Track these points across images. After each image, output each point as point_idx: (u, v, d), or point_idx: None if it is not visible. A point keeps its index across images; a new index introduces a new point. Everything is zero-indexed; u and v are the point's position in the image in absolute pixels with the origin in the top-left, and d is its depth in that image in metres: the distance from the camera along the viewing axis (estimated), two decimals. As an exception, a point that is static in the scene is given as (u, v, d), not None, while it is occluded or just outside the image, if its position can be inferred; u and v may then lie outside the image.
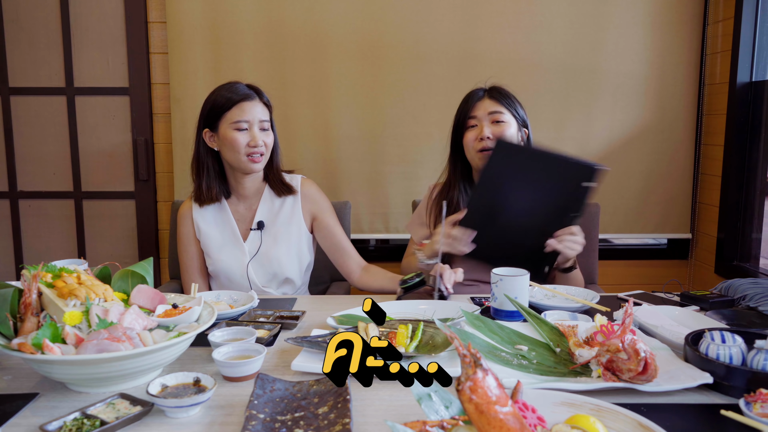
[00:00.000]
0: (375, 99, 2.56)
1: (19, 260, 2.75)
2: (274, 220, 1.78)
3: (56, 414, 0.92)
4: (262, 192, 1.80)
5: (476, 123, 1.73)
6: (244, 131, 1.66)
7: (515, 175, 1.59)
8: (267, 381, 0.98)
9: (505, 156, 1.60)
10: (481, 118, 1.72)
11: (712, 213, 2.57)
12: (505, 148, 1.61)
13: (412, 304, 1.44)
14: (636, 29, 2.54)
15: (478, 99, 1.75)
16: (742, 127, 2.39)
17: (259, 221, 1.76)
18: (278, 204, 1.79)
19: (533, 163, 1.59)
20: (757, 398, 0.88)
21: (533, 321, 1.22)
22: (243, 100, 1.66)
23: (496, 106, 1.73)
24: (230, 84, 1.70)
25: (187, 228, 1.80)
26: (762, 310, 1.36)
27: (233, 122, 1.65)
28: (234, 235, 1.77)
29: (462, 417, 0.74)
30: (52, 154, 2.69)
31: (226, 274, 1.76)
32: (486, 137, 1.69)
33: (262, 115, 1.69)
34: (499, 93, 1.75)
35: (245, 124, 1.66)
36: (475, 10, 2.51)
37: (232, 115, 1.65)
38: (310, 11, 2.50)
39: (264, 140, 1.68)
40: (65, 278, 1.11)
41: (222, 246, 1.76)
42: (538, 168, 1.58)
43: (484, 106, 1.73)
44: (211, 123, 1.69)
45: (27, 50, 2.62)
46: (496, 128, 1.71)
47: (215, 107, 1.68)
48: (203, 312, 1.16)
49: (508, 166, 1.59)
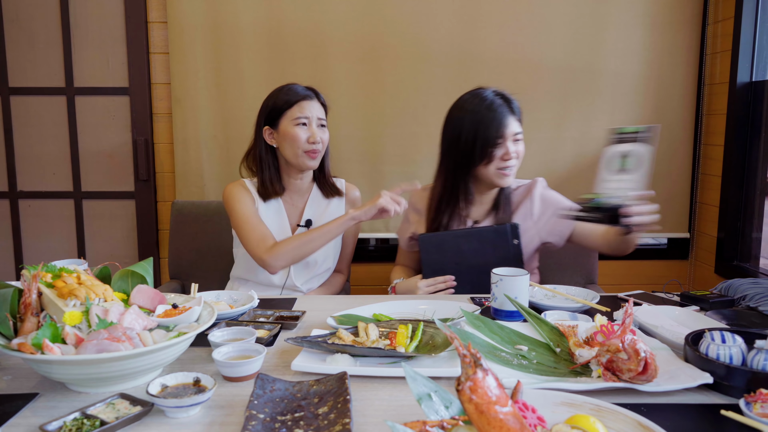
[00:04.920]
0: (375, 99, 2.56)
1: (19, 260, 2.75)
2: (321, 219, 1.86)
3: (56, 414, 0.92)
4: (310, 192, 1.89)
5: (501, 141, 1.68)
6: (304, 127, 1.75)
7: (452, 256, 1.70)
8: (267, 381, 0.99)
9: (433, 245, 1.71)
10: (506, 137, 1.68)
11: (712, 213, 2.57)
12: (429, 240, 1.72)
13: (412, 304, 1.44)
14: (635, 30, 2.54)
15: (505, 116, 1.68)
16: (742, 127, 2.39)
17: (307, 219, 1.85)
18: (324, 205, 1.89)
19: (459, 240, 1.70)
20: (757, 398, 0.88)
21: (533, 321, 1.22)
22: (303, 99, 1.77)
23: (519, 125, 1.71)
24: (289, 85, 1.80)
25: (248, 196, 1.82)
26: (762, 310, 1.36)
27: (294, 119, 1.74)
28: (283, 227, 1.84)
29: (462, 417, 0.74)
30: (52, 154, 2.69)
31: None
32: (512, 156, 1.68)
33: (319, 113, 1.79)
34: (517, 110, 1.72)
35: (305, 120, 1.75)
36: (474, 11, 2.51)
37: (293, 113, 1.75)
38: (310, 11, 2.50)
39: (321, 137, 1.77)
40: (65, 278, 1.11)
41: (273, 232, 1.81)
42: (466, 243, 1.70)
43: (512, 127, 1.69)
44: (272, 121, 1.78)
45: (27, 50, 2.62)
46: (519, 146, 1.72)
47: (277, 105, 1.77)
48: (203, 312, 1.16)
49: (440, 252, 1.70)
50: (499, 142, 1.67)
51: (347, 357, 1.09)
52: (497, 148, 1.67)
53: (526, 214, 1.80)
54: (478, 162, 1.69)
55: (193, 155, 2.59)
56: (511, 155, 1.68)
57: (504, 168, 1.69)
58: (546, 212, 1.80)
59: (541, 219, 1.80)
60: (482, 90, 1.74)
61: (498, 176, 1.70)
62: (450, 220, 1.78)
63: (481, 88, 1.76)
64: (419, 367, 1.05)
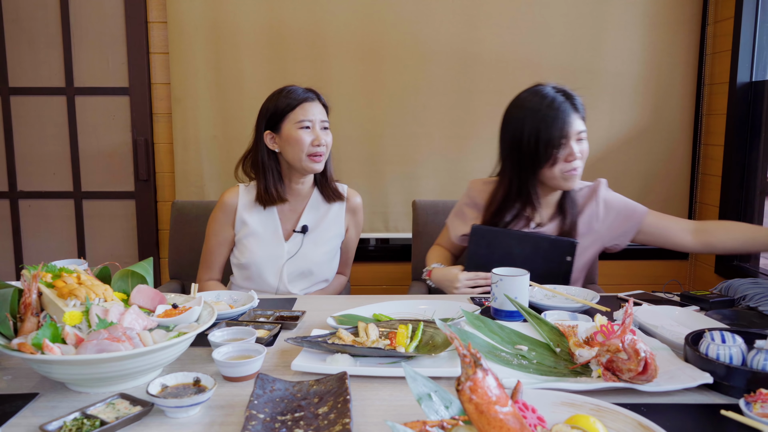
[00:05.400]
0: (375, 99, 2.56)
1: (19, 260, 2.75)
2: (318, 224, 1.83)
3: (56, 414, 0.92)
4: (309, 197, 1.85)
5: (565, 141, 1.59)
6: (308, 130, 1.71)
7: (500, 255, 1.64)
8: (267, 381, 0.98)
9: (484, 239, 1.66)
10: (570, 136, 1.59)
11: (712, 213, 2.57)
12: (482, 233, 1.65)
13: (412, 304, 1.44)
14: (635, 30, 2.54)
15: (568, 115, 1.59)
16: (742, 127, 2.39)
17: (303, 225, 1.81)
18: (324, 210, 1.85)
19: (512, 241, 1.64)
20: (757, 398, 0.88)
21: (533, 321, 1.22)
22: (305, 101, 1.72)
23: (582, 123, 1.62)
24: (289, 87, 1.76)
25: (226, 215, 1.81)
26: (762, 310, 1.36)
27: (297, 122, 1.70)
28: (276, 233, 1.80)
29: (462, 417, 0.74)
30: (52, 154, 2.69)
31: (259, 268, 1.78)
32: (577, 157, 1.60)
33: (322, 115, 1.75)
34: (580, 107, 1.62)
35: (308, 123, 1.71)
36: (474, 11, 2.51)
37: (296, 115, 1.71)
38: (310, 11, 2.50)
39: (326, 139, 1.74)
40: (65, 278, 1.11)
41: (262, 241, 1.79)
42: (519, 246, 1.63)
43: (576, 125, 1.59)
44: (274, 125, 1.74)
45: (27, 50, 2.62)
46: (583, 145, 1.62)
47: (278, 109, 1.73)
48: (203, 312, 1.16)
49: (489, 248, 1.65)
50: (563, 143, 1.58)
51: (347, 357, 1.08)
52: (561, 149, 1.58)
53: (591, 216, 1.72)
54: (543, 164, 1.60)
55: (193, 155, 2.59)
56: (576, 155, 1.59)
57: (570, 170, 1.60)
58: (609, 215, 1.72)
59: (605, 223, 1.72)
60: (542, 87, 1.64)
61: (564, 179, 1.62)
62: (513, 220, 1.70)
63: (540, 84, 1.66)
64: (419, 367, 1.05)
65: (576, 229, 1.70)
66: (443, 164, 2.61)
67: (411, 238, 2.30)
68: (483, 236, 1.66)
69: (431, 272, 1.74)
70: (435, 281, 1.73)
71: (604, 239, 1.74)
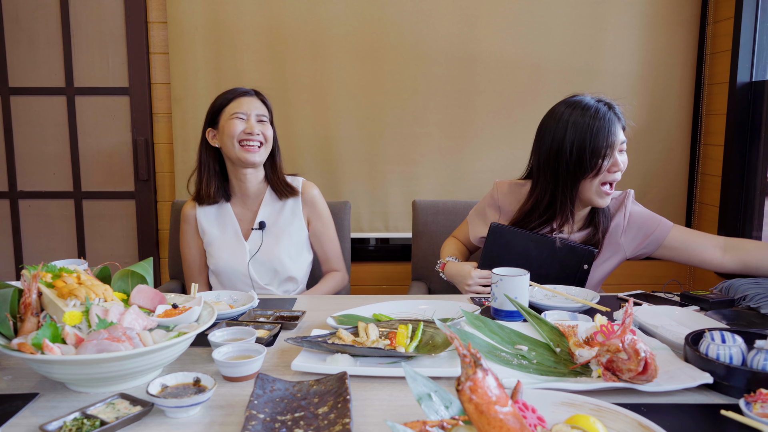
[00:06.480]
0: (375, 99, 2.56)
1: (19, 260, 2.75)
2: (276, 220, 1.83)
3: (56, 414, 0.92)
4: (263, 194, 1.85)
5: (610, 151, 1.55)
6: (241, 120, 1.74)
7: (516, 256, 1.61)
8: (267, 381, 0.98)
9: (502, 238, 1.64)
10: (615, 146, 1.56)
11: (712, 213, 2.57)
12: (500, 232, 1.64)
13: (412, 304, 1.44)
14: (634, 30, 2.54)
15: (613, 124, 1.55)
16: (742, 127, 2.39)
17: (260, 221, 1.82)
18: (279, 206, 1.85)
19: (530, 243, 1.62)
20: (757, 398, 0.88)
21: (533, 321, 1.22)
22: (242, 96, 1.77)
23: (623, 134, 1.58)
24: (233, 87, 1.82)
25: (190, 226, 1.86)
26: (762, 311, 1.36)
27: (232, 114, 1.74)
28: (236, 234, 1.82)
29: (462, 417, 0.74)
30: (52, 154, 2.69)
31: (227, 272, 1.81)
32: (620, 168, 1.57)
33: (259, 110, 1.77)
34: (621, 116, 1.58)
35: (243, 115, 1.74)
36: (474, 11, 2.51)
37: (231, 108, 1.75)
38: (310, 11, 2.50)
39: (262, 131, 1.75)
40: (65, 278, 1.11)
41: (224, 245, 1.82)
42: (536, 249, 1.61)
43: (620, 135, 1.56)
44: (213, 120, 1.79)
45: (27, 50, 2.62)
46: (624, 156, 1.59)
47: (216, 105, 1.79)
48: (203, 312, 1.16)
49: (506, 247, 1.63)
50: (608, 153, 1.54)
51: (347, 357, 1.09)
52: (606, 159, 1.55)
53: (616, 228, 1.69)
54: (587, 173, 1.56)
55: (193, 155, 2.58)
56: (620, 166, 1.57)
57: (607, 184, 1.58)
58: (632, 229, 1.69)
59: (627, 236, 1.69)
60: (581, 97, 1.61)
61: (599, 195, 1.59)
62: (538, 228, 1.66)
63: (578, 95, 1.62)
64: (419, 367, 1.05)
65: (601, 241, 1.68)
66: (443, 164, 2.61)
67: (411, 238, 2.31)
68: (501, 235, 1.65)
69: (445, 265, 1.74)
70: (448, 275, 1.72)
71: (626, 252, 1.70)
